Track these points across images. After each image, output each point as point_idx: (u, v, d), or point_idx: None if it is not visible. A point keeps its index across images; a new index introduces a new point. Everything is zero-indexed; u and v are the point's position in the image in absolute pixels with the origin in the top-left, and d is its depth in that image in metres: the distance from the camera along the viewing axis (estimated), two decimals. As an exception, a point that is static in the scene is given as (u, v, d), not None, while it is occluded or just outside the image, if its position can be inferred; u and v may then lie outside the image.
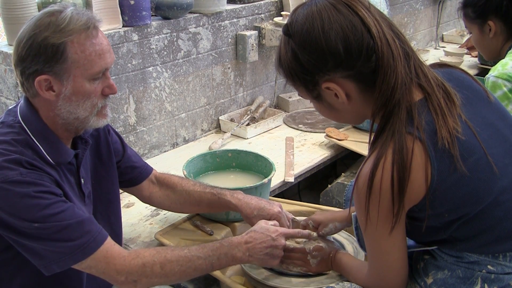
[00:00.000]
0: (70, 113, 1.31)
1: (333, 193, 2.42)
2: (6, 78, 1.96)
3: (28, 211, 1.22)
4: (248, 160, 2.07)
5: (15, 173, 1.22)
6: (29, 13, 1.95)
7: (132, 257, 1.32)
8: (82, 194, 1.42)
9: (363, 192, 1.15)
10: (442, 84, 1.20)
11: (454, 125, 1.14)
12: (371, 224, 1.17)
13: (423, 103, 1.16)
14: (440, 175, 1.12)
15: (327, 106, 1.25)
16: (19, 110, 1.34)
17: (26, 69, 1.27)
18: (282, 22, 2.75)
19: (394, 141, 1.12)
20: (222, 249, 1.41)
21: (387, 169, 1.11)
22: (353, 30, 1.13)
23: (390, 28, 1.17)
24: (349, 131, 2.61)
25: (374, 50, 1.13)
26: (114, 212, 1.59)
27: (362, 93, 1.19)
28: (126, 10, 2.19)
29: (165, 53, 2.38)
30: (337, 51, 1.13)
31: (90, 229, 1.28)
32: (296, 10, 1.21)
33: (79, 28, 1.25)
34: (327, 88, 1.19)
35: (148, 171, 1.72)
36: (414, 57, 1.19)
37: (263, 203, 1.68)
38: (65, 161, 1.36)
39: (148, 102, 2.37)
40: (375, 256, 1.25)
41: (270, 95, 3.03)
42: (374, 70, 1.15)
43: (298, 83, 1.24)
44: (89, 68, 1.28)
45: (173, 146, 2.55)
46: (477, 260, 1.20)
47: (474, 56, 3.87)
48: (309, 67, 1.18)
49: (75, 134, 1.40)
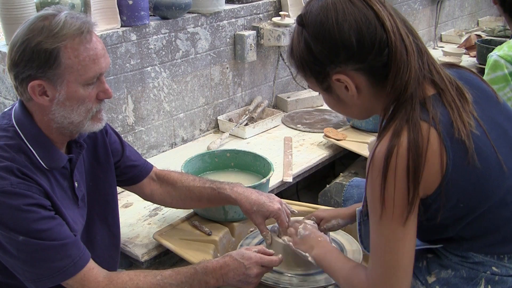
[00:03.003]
0: (64, 118, 1.31)
1: (332, 193, 2.42)
2: (5, 78, 1.96)
3: (16, 223, 1.22)
4: (246, 160, 2.07)
5: (6, 183, 1.22)
6: (27, 13, 1.95)
7: (105, 283, 1.33)
8: (76, 197, 1.42)
9: (378, 180, 1.13)
10: (454, 82, 1.20)
11: (468, 120, 1.14)
12: (386, 214, 1.13)
13: (437, 98, 1.17)
14: (455, 165, 1.12)
15: (336, 99, 1.25)
16: (14, 113, 1.34)
17: (19, 73, 1.26)
18: (281, 22, 2.75)
19: (409, 128, 1.11)
20: (196, 275, 1.40)
21: (402, 156, 1.10)
22: (366, 23, 1.13)
23: (404, 24, 1.18)
24: (348, 131, 2.62)
25: (386, 44, 1.14)
26: (112, 213, 1.59)
27: (372, 87, 1.20)
28: (124, 10, 2.19)
29: (163, 53, 2.38)
30: (350, 43, 1.14)
31: (72, 253, 1.28)
32: (311, 1, 1.21)
33: (72, 33, 1.24)
34: (338, 80, 1.19)
35: (149, 169, 1.72)
36: (427, 53, 1.20)
37: (263, 198, 1.65)
38: (59, 166, 1.35)
39: (146, 102, 2.37)
40: (383, 250, 1.18)
41: (269, 95, 3.03)
42: (386, 64, 1.15)
43: (309, 74, 1.23)
44: (83, 74, 1.26)
45: (171, 146, 2.55)
46: (482, 260, 1.20)
47: (473, 56, 3.88)
48: (321, 58, 1.18)
49: (69, 138, 1.39)
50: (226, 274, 1.43)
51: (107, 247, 1.57)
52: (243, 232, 1.88)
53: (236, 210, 1.83)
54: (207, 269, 1.42)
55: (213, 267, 1.43)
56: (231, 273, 1.43)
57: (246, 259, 1.45)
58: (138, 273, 1.40)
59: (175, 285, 1.38)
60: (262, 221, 1.64)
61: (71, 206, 1.39)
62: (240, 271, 1.43)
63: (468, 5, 4.92)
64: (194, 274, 1.41)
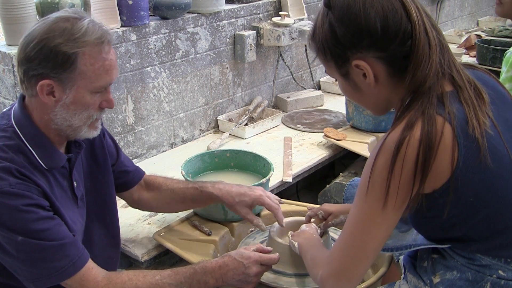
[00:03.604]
0: (64, 120, 1.31)
1: (332, 193, 2.42)
2: (5, 78, 1.96)
3: (15, 223, 1.23)
4: (246, 160, 2.07)
5: (4, 183, 1.22)
6: (27, 13, 1.95)
7: (104, 283, 1.33)
8: (75, 197, 1.42)
9: (385, 166, 1.12)
10: (472, 81, 1.21)
11: (484, 119, 1.15)
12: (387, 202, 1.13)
13: (454, 94, 1.17)
14: (466, 162, 1.12)
15: (353, 86, 1.25)
16: (13, 113, 1.34)
17: (30, 69, 1.26)
18: (281, 22, 2.75)
19: (423, 120, 1.11)
20: (195, 275, 1.41)
21: (414, 146, 1.10)
22: (393, 12, 1.14)
23: (429, 19, 1.19)
24: (347, 131, 2.61)
25: (410, 36, 1.15)
26: (110, 214, 1.59)
27: (390, 78, 1.20)
28: (124, 10, 2.19)
29: (163, 53, 2.38)
30: (374, 29, 1.14)
31: (71, 253, 1.29)
32: None
33: (93, 41, 1.25)
34: (357, 66, 1.19)
35: (140, 175, 1.73)
36: (449, 51, 1.21)
37: (244, 189, 1.68)
38: (58, 165, 1.36)
39: (146, 102, 2.37)
40: (356, 228, 1.19)
41: (269, 95, 3.03)
42: (407, 56, 1.16)
43: (329, 58, 1.23)
44: (94, 82, 1.28)
45: (171, 146, 2.55)
46: (488, 264, 1.19)
47: (472, 56, 3.88)
48: (344, 41, 1.18)
49: (66, 139, 1.40)
50: (225, 274, 1.43)
51: (105, 247, 1.57)
52: (243, 232, 1.88)
53: (236, 210, 1.83)
54: (206, 269, 1.43)
55: (212, 267, 1.43)
56: (231, 272, 1.43)
57: (245, 258, 1.45)
58: (137, 273, 1.40)
59: (174, 285, 1.38)
60: (248, 211, 1.67)
61: (71, 206, 1.40)
62: (239, 271, 1.44)
63: (468, 5, 4.92)
64: (193, 274, 1.41)
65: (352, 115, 2.62)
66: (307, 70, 3.24)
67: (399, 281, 1.39)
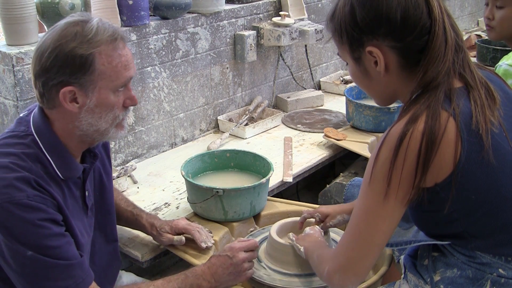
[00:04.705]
0: (90, 125, 1.30)
1: (332, 193, 2.42)
2: (5, 78, 1.96)
3: (28, 237, 1.20)
4: (246, 160, 2.07)
5: (22, 195, 1.19)
6: (27, 13, 1.95)
7: None
8: (86, 207, 1.41)
9: (388, 157, 1.13)
10: (485, 82, 1.22)
11: (491, 117, 1.15)
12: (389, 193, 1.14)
13: (463, 91, 1.18)
14: (468, 157, 1.12)
15: (363, 72, 1.27)
16: (32, 120, 1.31)
17: (49, 80, 1.24)
18: (281, 22, 2.75)
19: (428, 114, 1.12)
20: (187, 280, 1.43)
21: (416, 139, 1.11)
22: (415, 5, 1.16)
23: (449, 19, 1.21)
24: (348, 131, 2.61)
25: (428, 31, 1.16)
26: (110, 222, 1.57)
27: (401, 70, 1.21)
28: (124, 10, 2.19)
29: (163, 53, 2.38)
30: (394, 18, 1.16)
31: (76, 274, 1.26)
32: None
33: (106, 39, 1.25)
34: (370, 52, 1.21)
35: None
36: (465, 52, 1.22)
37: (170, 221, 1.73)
38: (75, 176, 1.34)
39: (146, 102, 2.37)
40: (362, 220, 1.20)
41: (269, 95, 3.03)
42: (421, 50, 1.17)
43: (344, 39, 1.25)
44: (115, 80, 1.27)
45: (171, 146, 2.55)
46: (489, 262, 1.20)
47: (473, 56, 3.88)
48: (362, 25, 1.20)
49: (89, 145, 1.38)
50: (215, 272, 1.46)
51: (104, 254, 1.55)
52: (243, 232, 1.88)
53: (236, 210, 1.83)
54: (196, 273, 1.46)
55: (202, 270, 1.47)
56: (220, 269, 1.47)
57: (227, 250, 1.50)
58: (131, 286, 1.45)
59: None
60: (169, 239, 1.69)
61: (81, 216, 1.38)
62: (227, 264, 1.47)
63: (468, 5, 4.92)
64: (185, 279, 1.44)
65: (352, 115, 2.62)
66: (307, 70, 3.24)
67: (399, 281, 1.39)
